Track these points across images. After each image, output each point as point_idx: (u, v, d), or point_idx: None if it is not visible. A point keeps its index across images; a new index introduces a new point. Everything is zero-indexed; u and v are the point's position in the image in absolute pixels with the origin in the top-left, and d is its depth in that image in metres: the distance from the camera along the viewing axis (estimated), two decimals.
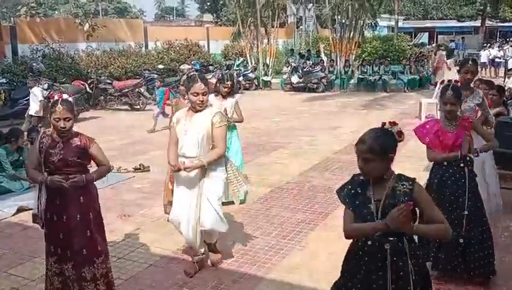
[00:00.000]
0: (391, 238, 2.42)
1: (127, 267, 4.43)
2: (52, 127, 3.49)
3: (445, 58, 18.96)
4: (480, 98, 4.76)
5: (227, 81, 5.77)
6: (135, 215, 5.83)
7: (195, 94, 3.96)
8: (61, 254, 3.49)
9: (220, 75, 5.95)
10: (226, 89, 5.78)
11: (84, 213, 3.50)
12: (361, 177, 2.53)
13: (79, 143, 3.49)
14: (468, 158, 3.95)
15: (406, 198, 2.40)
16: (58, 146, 3.44)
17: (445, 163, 3.97)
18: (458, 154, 3.85)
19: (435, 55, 19.21)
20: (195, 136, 3.97)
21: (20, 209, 5.89)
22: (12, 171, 6.70)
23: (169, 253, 4.73)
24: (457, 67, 5.67)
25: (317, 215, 5.72)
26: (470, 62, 4.83)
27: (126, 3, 64.04)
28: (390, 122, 2.56)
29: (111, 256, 4.49)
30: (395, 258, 2.43)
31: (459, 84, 4.32)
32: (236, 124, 6.09)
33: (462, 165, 3.92)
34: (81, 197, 3.49)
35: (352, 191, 2.54)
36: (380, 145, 2.42)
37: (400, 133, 2.51)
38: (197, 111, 4.06)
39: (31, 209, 5.77)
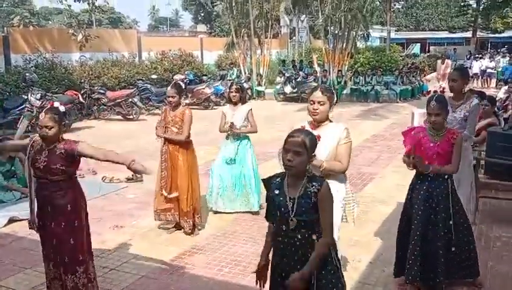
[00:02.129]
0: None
1: (119, 279, 4.40)
2: None
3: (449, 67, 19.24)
4: (471, 107, 4.66)
5: (232, 86, 6.15)
6: (128, 225, 5.79)
7: (311, 102, 3.80)
8: (55, 259, 3.55)
9: (229, 84, 6.35)
10: (232, 94, 6.04)
11: (70, 221, 3.53)
12: (277, 179, 2.79)
13: (63, 150, 3.49)
14: None
15: (315, 198, 2.63)
16: (43, 153, 3.49)
17: (430, 175, 3.93)
18: (413, 161, 3.89)
19: (442, 63, 19.66)
20: (321, 154, 3.61)
21: (11, 220, 5.84)
22: (4, 182, 6.65)
23: (162, 264, 4.71)
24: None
25: None
26: (452, 70, 4.88)
27: (120, 13, 64.23)
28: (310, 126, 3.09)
29: (103, 267, 4.50)
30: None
31: (445, 94, 4.34)
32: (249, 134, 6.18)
33: (446, 177, 3.94)
34: (69, 205, 3.52)
35: (273, 193, 2.78)
36: (310, 141, 2.70)
37: (319, 137, 2.98)
38: (317, 125, 3.81)
39: (23, 219, 5.74)
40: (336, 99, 3.94)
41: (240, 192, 6.07)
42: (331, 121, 3.87)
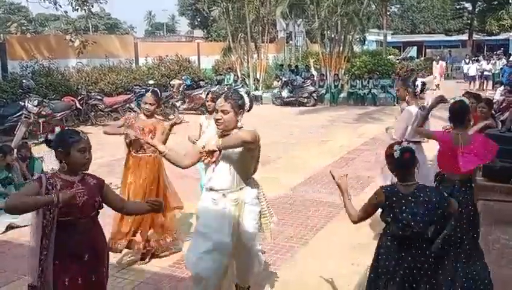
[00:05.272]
0: None
1: (118, 286, 4.38)
2: (64, 164, 2.89)
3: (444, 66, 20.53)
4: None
5: (208, 94, 5.62)
6: None
7: (216, 111, 3.55)
8: None
9: (207, 92, 5.94)
10: (208, 103, 5.53)
11: (107, 263, 3.12)
12: None
13: (95, 181, 3.00)
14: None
15: None
16: (75, 186, 2.85)
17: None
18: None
19: (437, 64, 20.06)
20: (226, 166, 3.58)
21: (9, 227, 5.82)
22: (1, 189, 6.62)
23: (160, 270, 4.69)
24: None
25: (308, 230, 5.71)
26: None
27: (116, 19, 64.27)
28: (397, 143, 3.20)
29: None
30: None
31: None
32: None
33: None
34: (107, 245, 3.21)
35: None
36: None
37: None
38: (223, 134, 3.52)
39: (21, 226, 5.71)
40: (247, 104, 3.61)
41: None
42: (239, 129, 3.52)
